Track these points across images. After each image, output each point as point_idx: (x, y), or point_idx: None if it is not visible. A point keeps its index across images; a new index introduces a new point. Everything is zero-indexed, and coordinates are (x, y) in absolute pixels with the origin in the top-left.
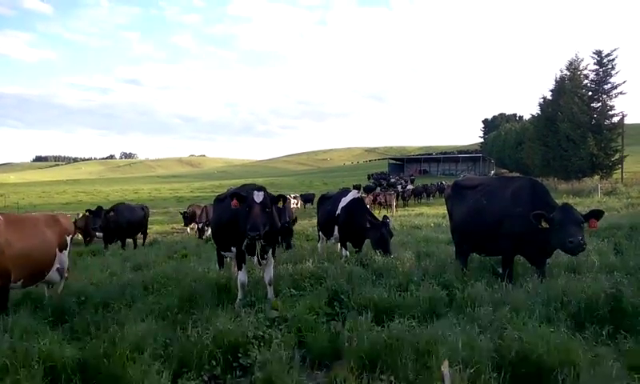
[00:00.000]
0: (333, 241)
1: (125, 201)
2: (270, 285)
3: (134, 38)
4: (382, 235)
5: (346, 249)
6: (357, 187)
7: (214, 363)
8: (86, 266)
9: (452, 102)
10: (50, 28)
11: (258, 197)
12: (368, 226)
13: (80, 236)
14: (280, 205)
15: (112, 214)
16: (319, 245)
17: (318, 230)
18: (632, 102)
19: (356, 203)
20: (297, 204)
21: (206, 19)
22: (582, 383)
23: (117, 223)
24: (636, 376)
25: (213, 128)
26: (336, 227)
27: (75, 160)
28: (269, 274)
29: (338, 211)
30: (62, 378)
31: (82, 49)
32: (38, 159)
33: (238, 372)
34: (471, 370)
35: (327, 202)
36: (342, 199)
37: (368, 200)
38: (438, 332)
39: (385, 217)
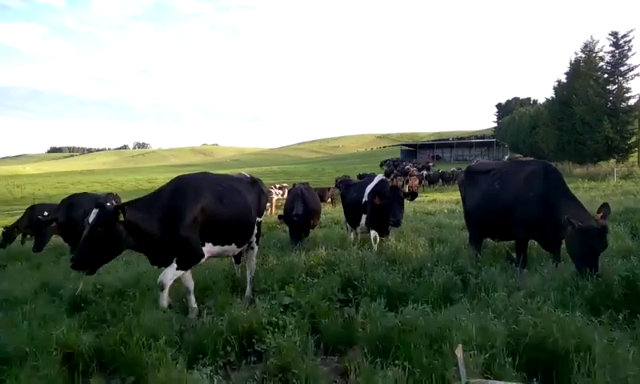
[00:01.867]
0: (359, 231)
1: (89, 191)
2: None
3: (144, 28)
4: None
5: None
6: (361, 176)
7: (229, 349)
8: None
9: (465, 86)
10: (61, 19)
11: (92, 215)
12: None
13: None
14: (121, 218)
15: (62, 209)
16: (351, 235)
17: (345, 221)
18: None
19: (384, 186)
20: (282, 195)
21: (216, 7)
22: (598, 368)
23: (76, 219)
24: None
25: (224, 116)
26: (364, 216)
27: (89, 151)
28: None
29: (365, 198)
30: (79, 364)
31: (93, 40)
32: (53, 150)
33: (252, 357)
34: (486, 355)
35: (352, 190)
36: (369, 185)
37: None
38: (451, 317)
39: None
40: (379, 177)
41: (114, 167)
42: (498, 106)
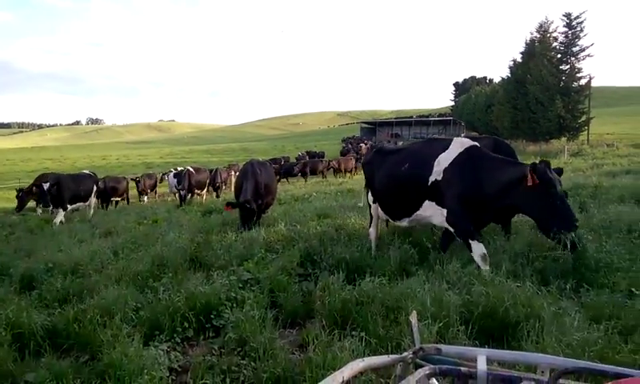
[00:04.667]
0: (406, 223)
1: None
2: None
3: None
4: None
5: (474, 240)
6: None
7: (187, 325)
8: (53, 233)
9: (424, 65)
10: None
11: None
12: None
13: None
14: None
15: None
16: (371, 231)
17: (374, 209)
18: (598, 65)
19: (479, 154)
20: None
21: None
22: (546, 334)
23: None
24: (596, 326)
25: (181, 91)
26: (426, 203)
27: (40, 126)
28: None
29: (437, 176)
30: (30, 344)
31: (41, 10)
32: (1, 126)
33: (210, 333)
34: (440, 324)
35: (398, 158)
36: (442, 154)
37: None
38: (407, 289)
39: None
40: (461, 142)
41: (66, 143)
42: (456, 84)
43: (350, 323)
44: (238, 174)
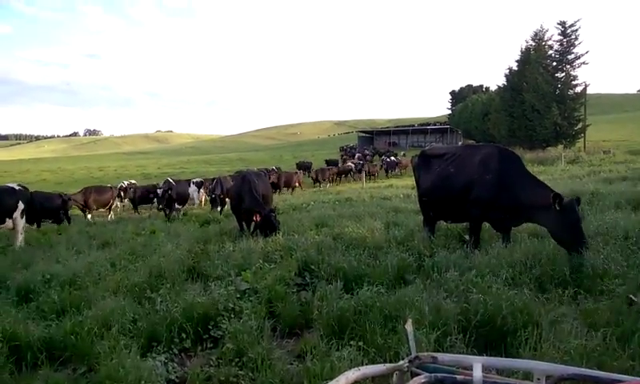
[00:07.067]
0: None
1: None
2: None
3: (91, 10)
4: None
5: None
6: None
7: (184, 336)
8: (51, 244)
9: (420, 73)
10: (6, 1)
11: None
12: None
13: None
14: None
15: None
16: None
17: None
18: (594, 72)
19: None
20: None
21: None
22: (544, 341)
23: None
24: (594, 333)
25: (178, 102)
26: None
27: (37, 138)
28: None
29: None
30: (27, 356)
31: (37, 22)
32: None
33: (208, 344)
34: (438, 333)
35: None
36: None
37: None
38: (405, 297)
39: None
40: None
41: (63, 155)
42: (452, 93)
43: (348, 332)
44: (233, 184)
